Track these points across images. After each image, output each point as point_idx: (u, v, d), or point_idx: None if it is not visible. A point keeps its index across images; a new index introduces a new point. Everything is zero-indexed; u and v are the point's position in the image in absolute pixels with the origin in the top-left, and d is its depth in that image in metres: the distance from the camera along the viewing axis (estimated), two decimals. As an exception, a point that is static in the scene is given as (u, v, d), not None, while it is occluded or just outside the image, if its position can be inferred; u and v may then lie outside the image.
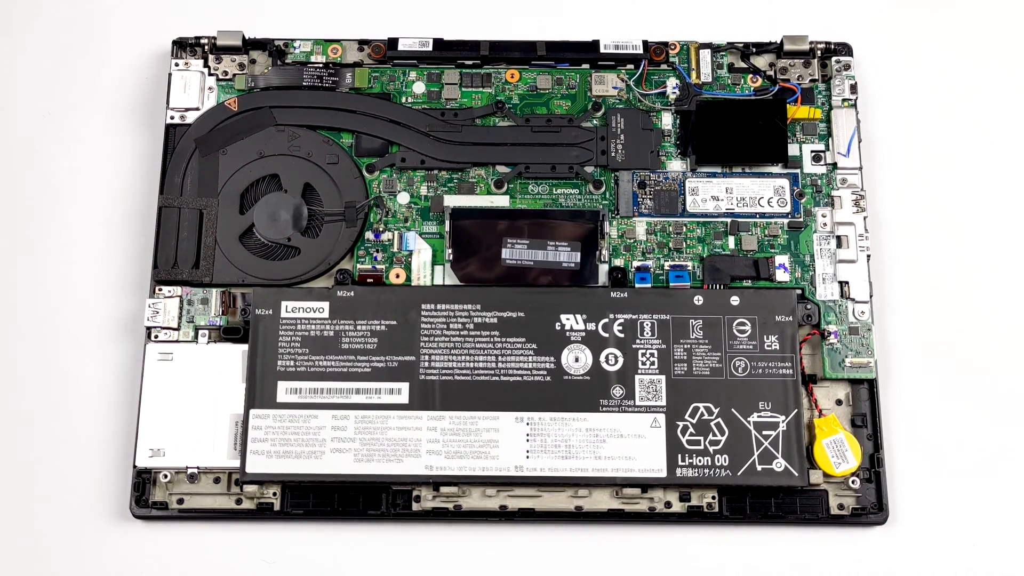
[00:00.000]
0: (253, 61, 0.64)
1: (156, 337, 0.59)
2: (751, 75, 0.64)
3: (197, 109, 0.63)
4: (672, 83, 0.64)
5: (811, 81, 0.64)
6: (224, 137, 0.62)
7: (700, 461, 0.56)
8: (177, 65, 0.64)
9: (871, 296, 0.60)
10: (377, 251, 0.61)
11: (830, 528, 0.58)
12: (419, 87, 0.64)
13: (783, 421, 0.57)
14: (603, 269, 0.60)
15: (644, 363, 0.58)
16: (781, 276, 0.60)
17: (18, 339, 0.61)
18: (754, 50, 0.64)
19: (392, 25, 0.66)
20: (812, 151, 0.63)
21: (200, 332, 0.59)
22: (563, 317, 0.58)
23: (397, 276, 0.60)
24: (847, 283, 0.60)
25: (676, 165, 0.63)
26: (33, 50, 0.66)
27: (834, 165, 0.62)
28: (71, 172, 0.64)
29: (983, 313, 0.62)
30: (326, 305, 0.59)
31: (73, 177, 0.64)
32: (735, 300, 0.59)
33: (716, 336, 0.58)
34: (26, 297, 0.62)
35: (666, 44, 0.64)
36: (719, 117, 0.62)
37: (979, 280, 0.62)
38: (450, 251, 0.60)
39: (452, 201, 0.62)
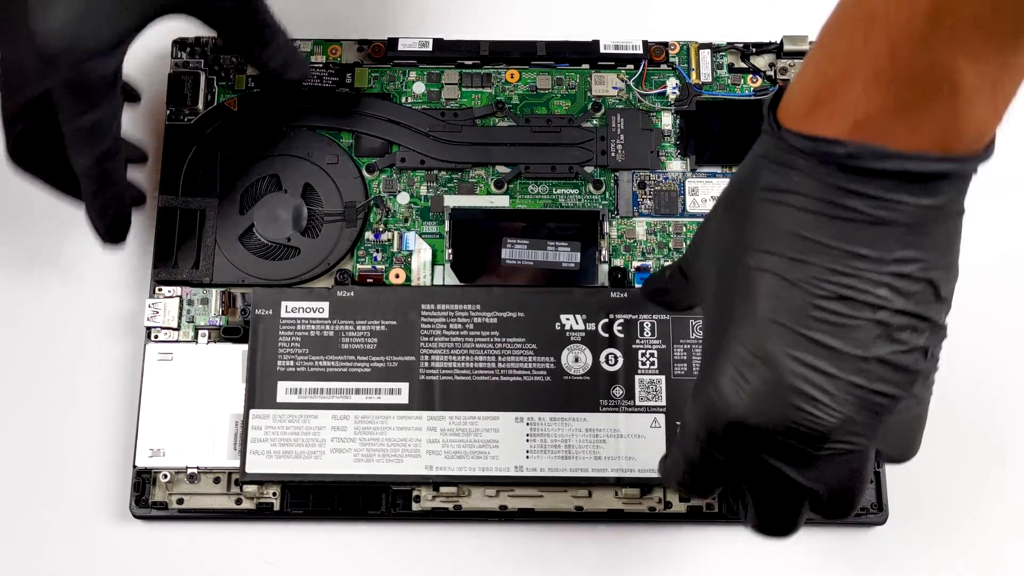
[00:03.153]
0: (253, 61, 0.64)
1: (156, 337, 0.59)
2: (751, 75, 0.64)
3: (197, 109, 0.63)
4: (672, 83, 0.64)
5: (811, 81, 0.64)
6: (224, 137, 0.62)
7: (700, 461, 0.56)
8: (177, 65, 0.64)
9: (871, 296, 0.60)
10: (377, 251, 0.61)
11: (830, 528, 0.58)
12: (419, 87, 0.64)
13: (783, 421, 0.57)
14: (603, 269, 0.61)
15: (644, 363, 0.58)
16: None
17: (18, 339, 0.61)
18: (754, 50, 0.64)
19: (392, 25, 0.66)
20: (812, 151, 0.63)
21: (200, 332, 0.59)
22: (563, 317, 0.58)
23: (397, 276, 0.60)
24: (847, 283, 0.60)
25: (676, 165, 0.63)
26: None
27: (834, 165, 0.62)
28: (71, 172, 0.64)
29: (983, 313, 0.62)
30: (326, 305, 0.59)
31: (73, 177, 0.64)
32: (735, 300, 0.59)
33: (716, 336, 0.58)
34: (25, 297, 0.62)
35: (666, 44, 0.64)
36: (719, 117, 0.62)
37: (979, 279, 0.62)
38: (450, 251, 0.60)
39: (452, 201, 0.62)
